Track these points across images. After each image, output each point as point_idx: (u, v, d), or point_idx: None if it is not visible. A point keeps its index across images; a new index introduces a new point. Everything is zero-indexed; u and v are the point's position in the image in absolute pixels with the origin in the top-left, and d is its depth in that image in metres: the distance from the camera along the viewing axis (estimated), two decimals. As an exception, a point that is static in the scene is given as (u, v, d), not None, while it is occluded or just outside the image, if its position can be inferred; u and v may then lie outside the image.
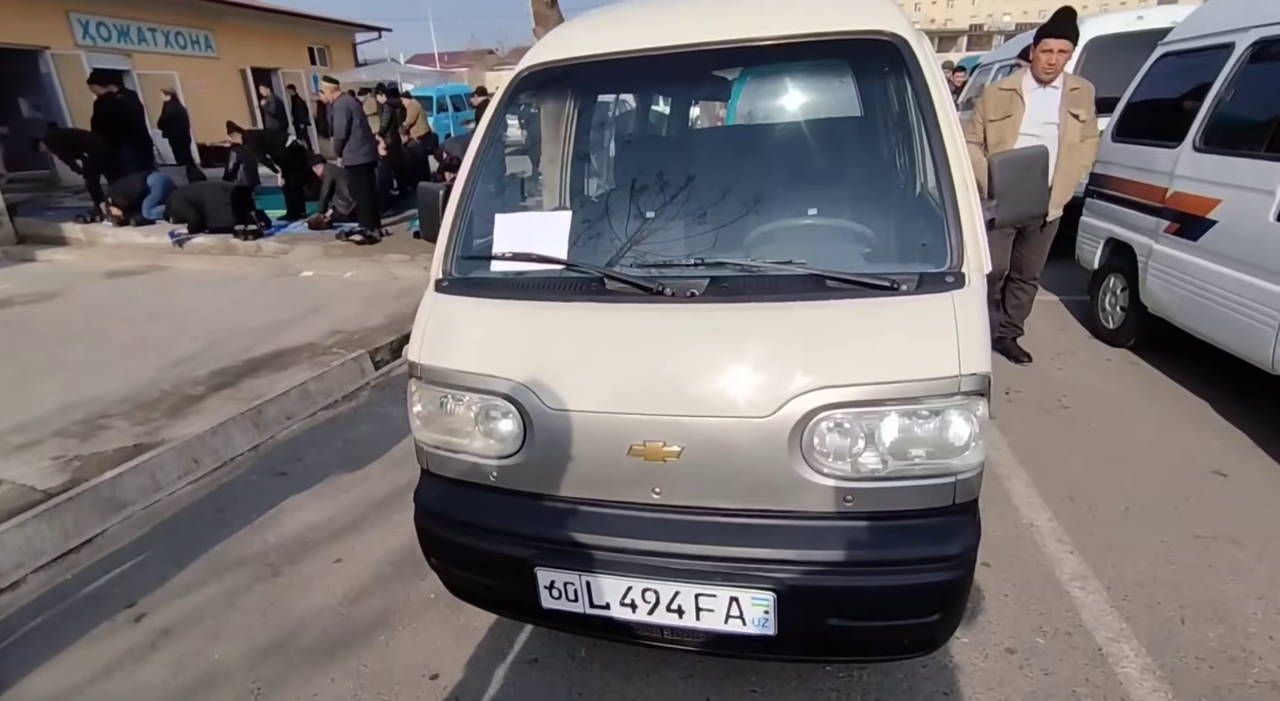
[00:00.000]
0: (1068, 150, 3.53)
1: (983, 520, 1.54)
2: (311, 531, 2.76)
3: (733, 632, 1.50)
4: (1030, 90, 3.56)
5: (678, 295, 1.55)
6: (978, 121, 3.67)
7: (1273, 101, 3.01)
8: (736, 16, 1.86)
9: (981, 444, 1.43)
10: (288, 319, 5.16)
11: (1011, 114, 3.53)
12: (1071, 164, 3.58)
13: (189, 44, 15.54)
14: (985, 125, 3.64)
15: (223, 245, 7.66)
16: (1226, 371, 3.40)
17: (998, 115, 3.57)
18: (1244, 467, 2.88)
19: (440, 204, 1.92)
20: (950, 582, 1.43)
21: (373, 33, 21.94)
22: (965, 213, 1.53)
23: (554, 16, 5.19)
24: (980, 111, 3.67)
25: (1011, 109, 3.54)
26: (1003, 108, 3.56)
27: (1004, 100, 3.59)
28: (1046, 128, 3.51)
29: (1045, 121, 3.52)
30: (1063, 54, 3.45)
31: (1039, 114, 3.52)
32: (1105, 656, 1.94)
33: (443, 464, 1.72)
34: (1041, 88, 3.53)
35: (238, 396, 3.82)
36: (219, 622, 2.29)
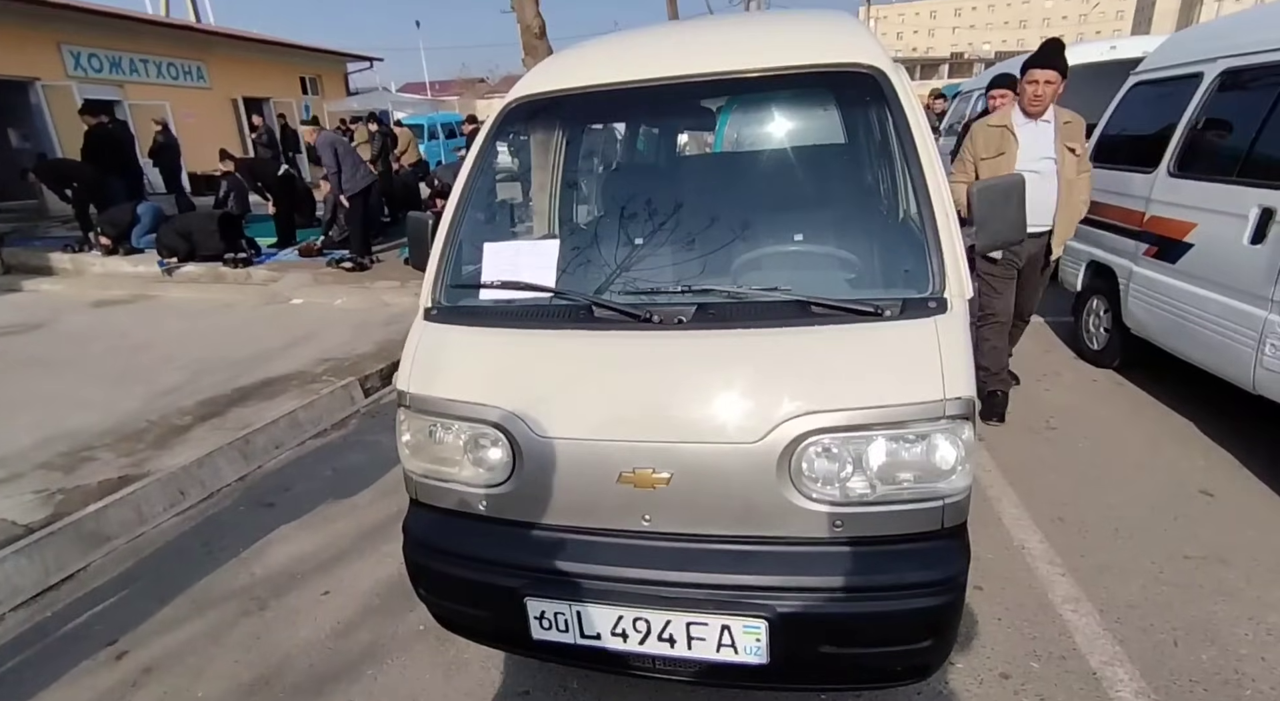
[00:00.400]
0: (1067, 186, 3.31)
1: (973, 542, 1.54)
2: (299, 563, 2.72)
3: (725, 661, 1.48)
4: (1021, 125, 3.33)
5: (665, 322, 1.57)
6: (968, 160, 3.44)
7: (1241, 128, 3.11)
8: (720, 50, 1.91)
9: (968, 467, 1.45)
10: (277, 347, 5.14)
11: (1005, 151, 3.32)
12: (1072, 200, 3.37)
13: (181, 74, 15.68)
14: (977, 163, 3.41)
15: (212, 273, 7.65)
16: (1210, 391, 3.45)
17: (989, 153, 3.36)
18: (1230, 487, 2.90)
19: (429, 233, 1.94)
20: (941, 607, 1.42)
21: (364, 62, 22.24)
22: (946, 239, 1.57)
23: (543, 47, 5.29)
24: (970, 150, 3.46)
25: (1004, 146, 3.34)
26: (994, 145, 3.36)
27: (994, 137, 3.37)
28: (1044, 163, 3.30)
29: (1042, 156, 3.30)
30: (1049, 86, 3.23)
31: (1034, 149, 3.31)
32: (1100, 680, 1.94)
33: (432, 493, 1.71)
34: (1032, 122, 3.32)
35: (225, 426, 3.79)
36: (203, 659, 2.24)
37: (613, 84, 1.92)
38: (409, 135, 11.10)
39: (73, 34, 13.12)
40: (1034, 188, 3.20)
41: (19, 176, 9.98)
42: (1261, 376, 2.84)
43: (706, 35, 2.19)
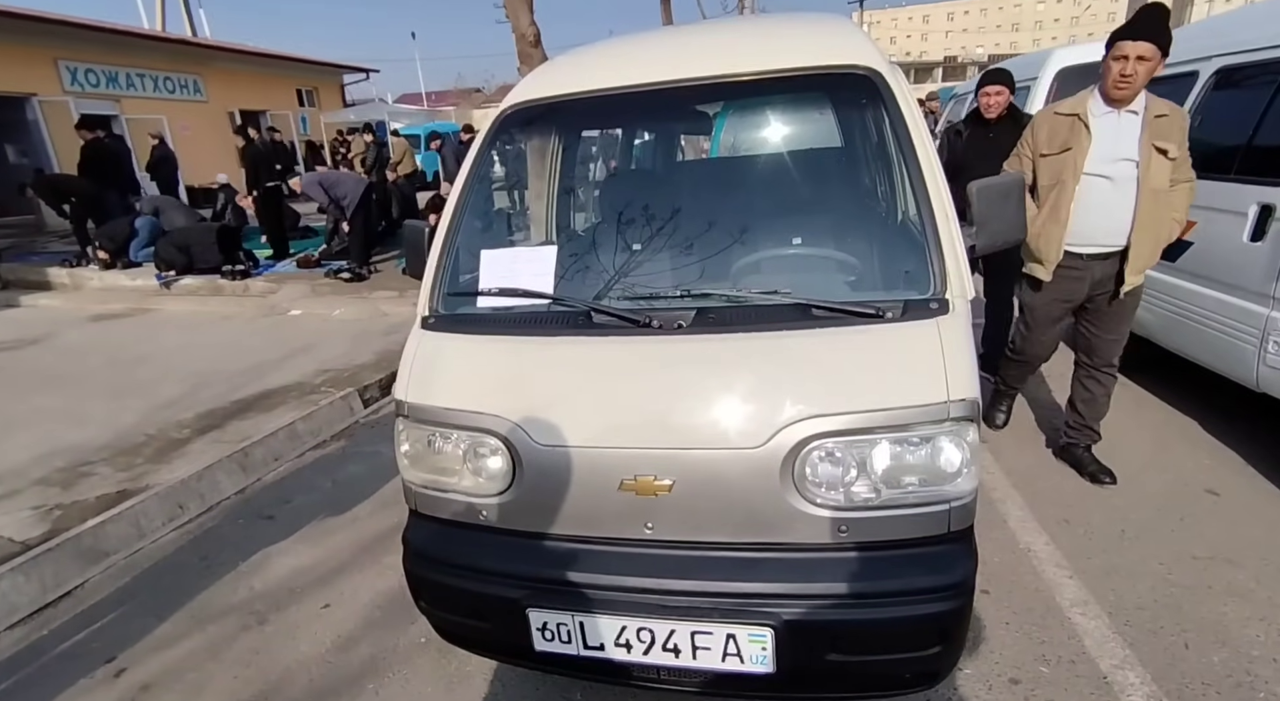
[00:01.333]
0: (1150, 196, 2.57)
1: (979, 545, 1.52)
2: (299, 576, 2.69)
3: (731, 671, 1.46)
4: (1100, 115, 2.60)
5: (665, 327, 1.56)
6: (1025, 155, 2.83)
7: (1238, 126, 3.11)
8: (715, 53, 1.91)
9: (974, 470, 1.43)
10: (275, 358, 5.12)
11: (1072, 146, 2.63)
12: (1157, 216, 2.60)
13: (177, 88, 15.74)
14: (1036, 160, 2.77)
15: (210, 286, 7.64)
16: (1213, 390, 3.43)
17: (1053, 147, 2.69)
18: (1236, 486, 2.88)
19: (426, 241, 1.93)
20: (950, 613, 1.40)
21: (360, 73, 22.34)
22: (946, 239, 1.55)
23: (538, 55, 5.30)
24: (1028, 143, 2.81)
25: (1073, 140, 2.63)
26: (1059, 138, 2.67)
27: (1061, 129, 2.68)
28: (1120, 166, 2.59)
29: (1120, 157, 2.58)
30: (1143, 63, 2.44)
31: (1110, 147, 2.59)
32: (1110, 684, 1.91)
33: (431, 504, 1.69)
34: (1114, 112, 2.58)
35: (224, 439, 3.77)
36: (202, 675, 2.21)
37: (609, 89, 1.92)
38: (405, 145, 11.12)
39: (69, 50, 13.18)
40: (1102, 195, 2.63)
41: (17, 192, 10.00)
42: (1264, 374, 2.83)
43: (702, 39, 2.18)
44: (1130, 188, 2.61)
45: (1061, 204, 2.69)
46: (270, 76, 18.43)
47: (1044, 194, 2.78)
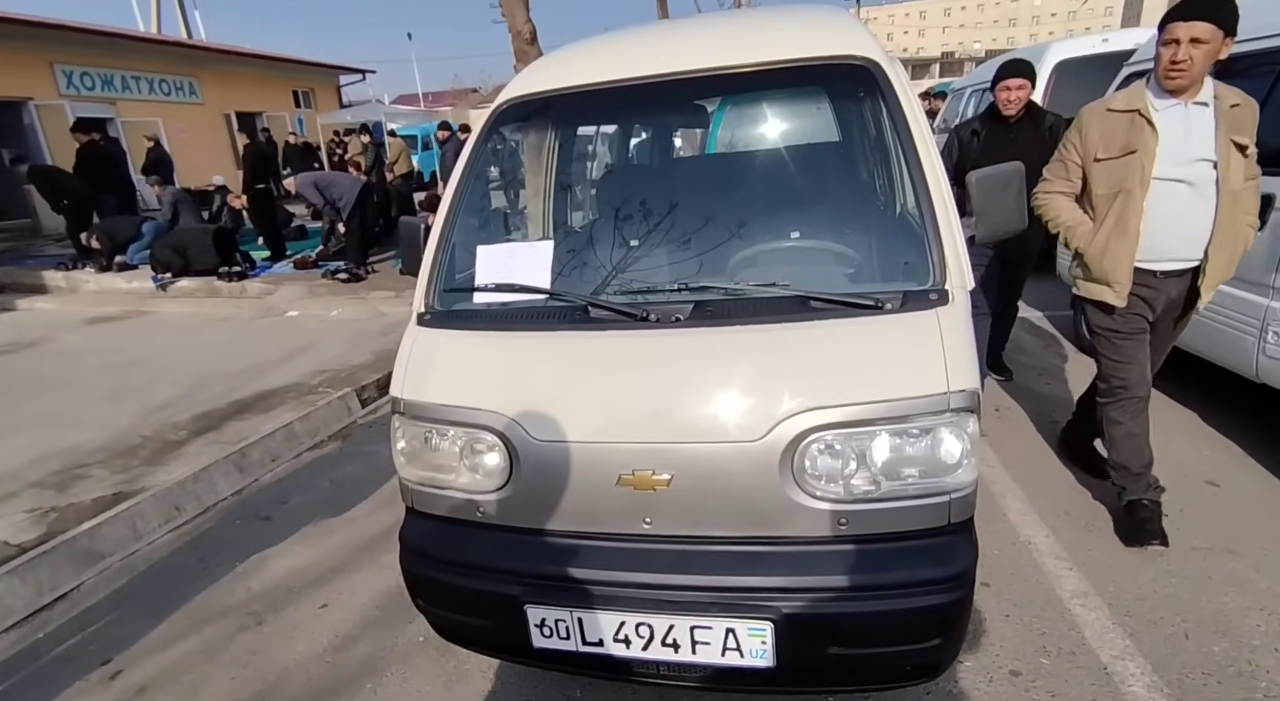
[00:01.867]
0: (1230, 200, 2.21)
1: (980, 538, 1.51)
2: (296, 577, 2.68)
3: (730, 665, 1.45)
4: (1163, 109, 2.22)
5: (663, 320, 1.54)
6: (1070, 160, 2.40)
7: (1235, 116, 3.09)
8: (712, 46, 1.90)
9: (974, 461, 1.42)
10: (273, 360, 5.11)
11: (1136, 148, 2.22)
12: (1235, 222, 2.25)
13: (173, 91, 15.71)
14: (1088, 167, 2.34)
15: (207, 288, 7.62)
16: (1211, 381, 3.43)
17: (1113, 151, 2.28)
18: (1236, 477, 2.88)
19: (421, 238, 1.92)
20: (950, 604, 1.40)
21: (356, 74, 22.31)
22: (945, 230, 1.54)
23: (534, 53, 5.29)
24: (1075, 146, 2.38)
25: (1136, 140, 2.23)
26: (1119, 139, 2.26)
27: (1119, 128, 2.27)
28: (1198, 168, 2.20)
29: (1196, 158, 2.20)
30: (1199, 46, 2.10)
31: (1182, 146, 2.20)
32: (1111, 675, 1.90)
33: (428, 501, 1.68)
34: (1179, 103, 2.20)
35: (221, 440, 3.75)
36: (199, 677, 2.20)
37: (605, 82, 1.91)
38: (401, 145, 11.10)
39: (65, 53, 13.15)
40: (1176, 203, 2.22)
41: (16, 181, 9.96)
42: (1264, 364, 2.82)
43: (698, 32, 2.17)
44: (1210, 191, 2.22)
45: (1129, 216, 2.27)
46: (266, 78, 18.41)
47: (1101, 204, 2.35)
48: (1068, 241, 2.47)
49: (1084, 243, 2.41)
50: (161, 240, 7.96)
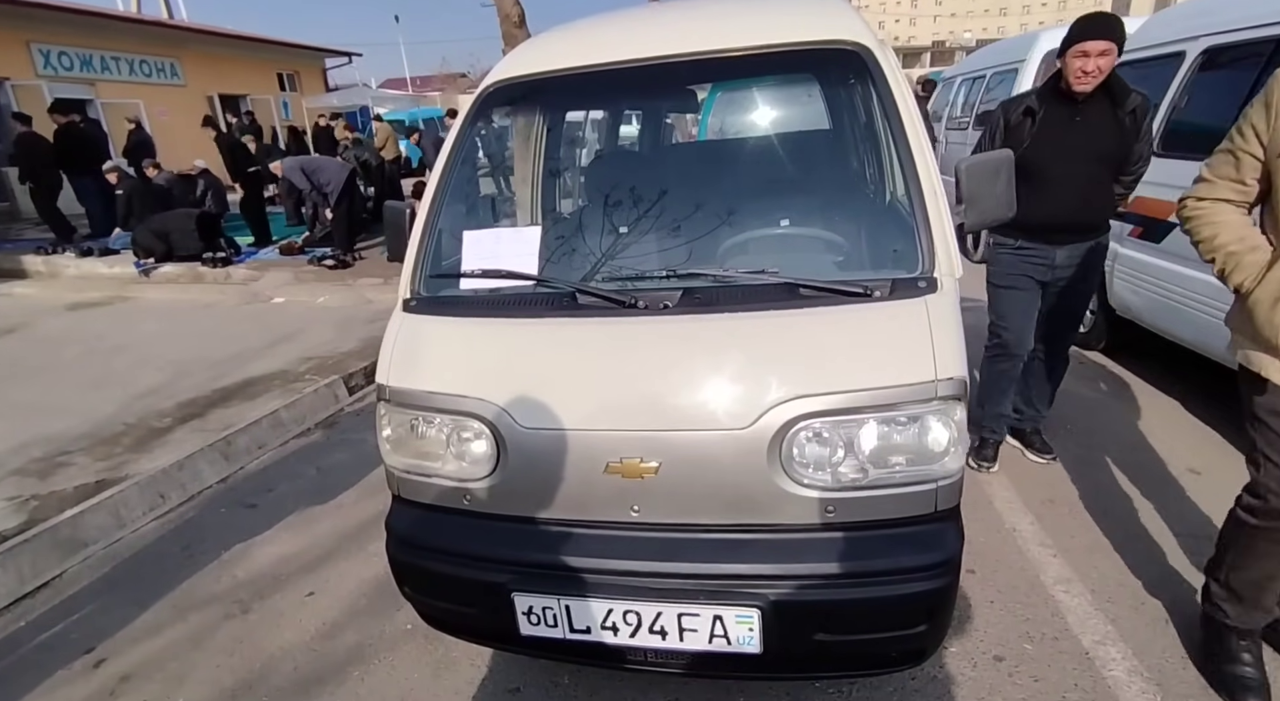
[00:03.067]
0: None
1: (966, 526, 1.52)
2: (283, 565, 2.66)
3: (718, 652, 1.45)
4: None
5: (651, 307, 1.53)
6: (1246, 153, 1.62)
7: (1223, 107, 3.10)
8: (701, 29, 1.87)
9: (961, 449, 1.42)
10: (258, 346, 5.05)
11: None
12: None
13: (154, 72, 15.37)
14: (1275, 164, 1.57)
15: (190, 273, 7.51)
16: (1194, 370, 3.47)
17: None
18: (1217, 464, 2.92)
19: (407, 223, 1.89)
20: (936, 591, 1.40)
21: (343, 58, 21.95)
22: (935, 218, 1.54)
23: (522, 36, 5.21)
24: (1255, 131, 1.60)
25: None
26: None
27: None
28: None
29: None
30: None
31: None
32: (1093, 660, 1.93)
33: (414, 489, 1.67)
34: None
35: (206, 427, 3.71)
36: (184, 665, 2.18)
37: (592, 65, 1.87)
38: (388, 130, 10.96)
39: (42, 32, 12.82)
40: None
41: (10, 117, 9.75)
42: (1247, 354, 2.84)
43: (687, 15, 2.14)
44: None
45: None
46: (250, 60, 18.06)
47: None
48: (1226, 274, 1.68)
49: (1251, 279, 1.61)
50: (144, 225, 7.82)
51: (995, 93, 6.33)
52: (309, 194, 7.36)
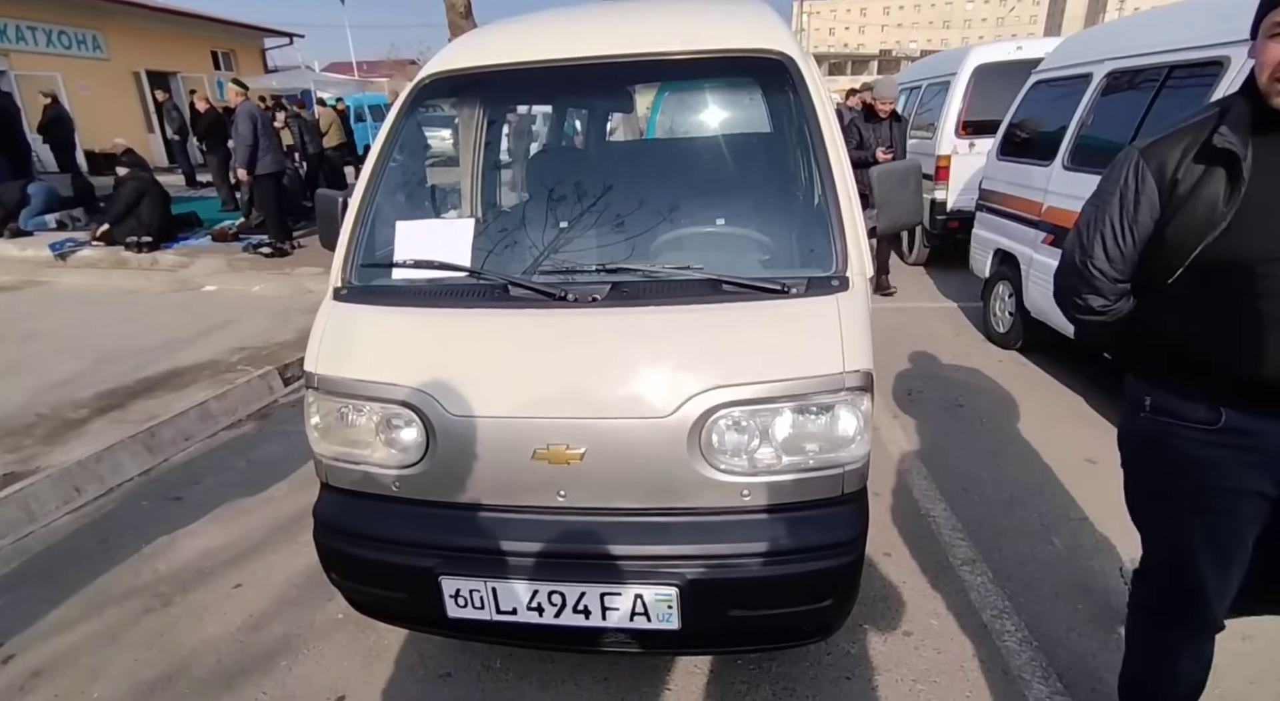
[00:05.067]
0: None
1: (886, 512, 1.63)
2: (207, 558, 2.60)
3: (639, 629, 1.53)
4: None
5: (580, 300, 1.59)
6: None
7: (1124, 125, 3.36)
8: (636, 32, 1.93)
9: (867, 437, 1.53)
10: (187, 336, 4.86)
11: None
12: None
13: (74, 44, 14.46)
14: None
15: (113, 258, 7.14)
16: (1095, 368, 3.74)
17: None
18: (1111, 455, 3.09)
19: (339, 211, 1.89)
20: (840, 568, 1.51)
21: (283, 38, 21.09)
22: (848, 220, 1.64)
23: (468, 27, 5.17)
24: None
25: None
26: None
27: None
28: None
29: None
30: None
31: None
32: (990, 632, 2.09)
33: (343, 476, 1.68)
34: None
35: (127, 418, 3.56)
36: (99, 660, 2.12)
37: (529, 62, 1.91)
38: (331, 115, 10.63)
39: (-55, -5, 11.91)
40: None
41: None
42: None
43: (625, 17, 2.19)
44: None
45: None
46: (182, 35, 17.18)
47: None
48: None
49: None
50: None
51: (930, 104, 6.62)
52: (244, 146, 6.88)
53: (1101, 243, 1.35)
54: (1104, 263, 1.36)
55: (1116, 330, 1.46)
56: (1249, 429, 1.26)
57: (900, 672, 1.96)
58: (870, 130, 5.41)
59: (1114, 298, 1.40)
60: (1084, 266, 1.39)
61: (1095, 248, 1.36)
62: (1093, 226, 1.37)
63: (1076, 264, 1.41)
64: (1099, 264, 1.36)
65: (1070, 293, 1.46)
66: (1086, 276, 1.39)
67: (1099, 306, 1.42)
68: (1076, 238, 1.42)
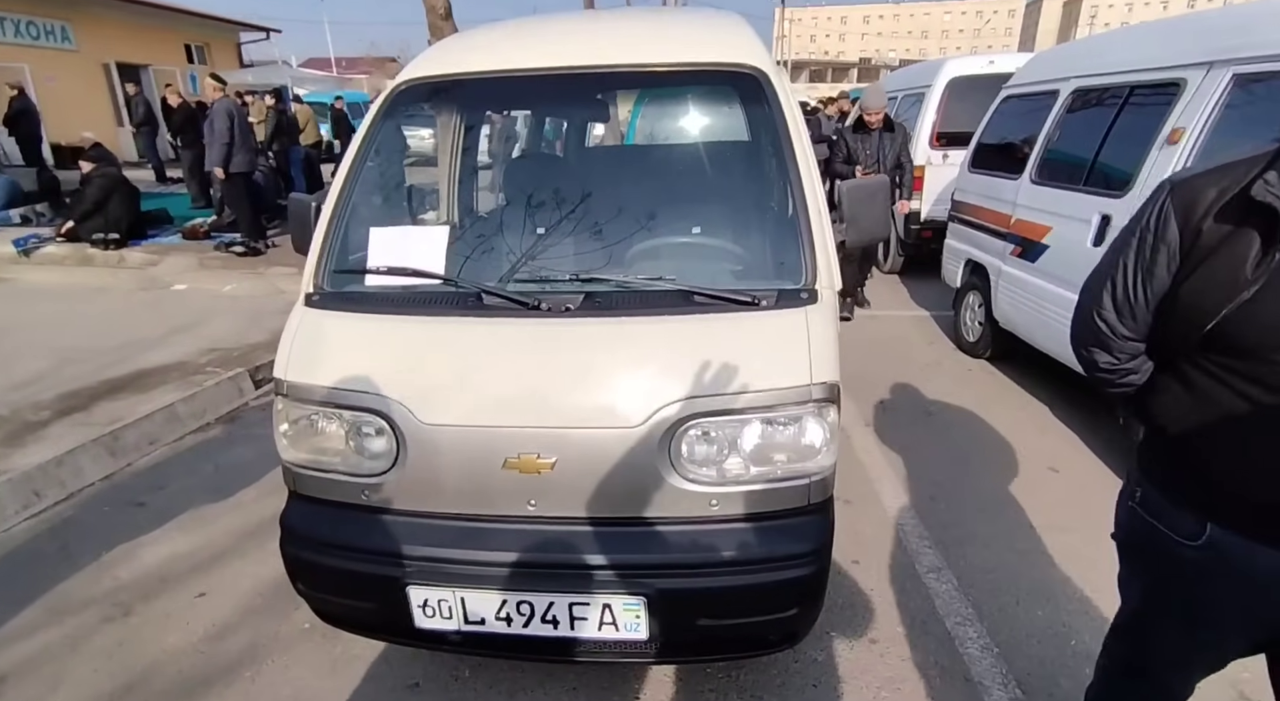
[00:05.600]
0: None
1: (855, 520, 1.65)
2: (170, 565, 2.55)
3: (607, 639, 1.53)
4: None
5: (554, 309, 1.59)
6: None
7: (1087, 142, 3.46)
8: (612, 44, 1.95)
9: (834, 447, 1.55)
10: (155, 336, 4.76)
11: None
12: None
13: (42, 34, 14.08)
14: None
15: (78, 255, 6.96)
16: (1061, 379, 3.83)
17: None
18: (1073, 463, 3.25)
19: (312, 216, 1.87)
20: (808, 577, 1.53)
21: (259, 33, 20.75)
22: (818, 234, 1.67)
23: (448, 29, 5.15)
24: None
25: None
26: None
27: None
28: None
29: None
30: None
31: None
32: (953, 639, 2.13)
33: (311, 485, 1.66)
34: None
35: (90, 421, 3.48)
36: (58, 669, 2.07)
37: (505, 71, 1.92)
38: (308, 112, 10.50)
39: (-94, -19, 11.53)
40: None
41: None
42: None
43: (603, 28, 2.21)
44: None
45: None
46: (154, 27, 16.81)
47: None
48: None
49: None
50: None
51: (906, 115, 6.73)
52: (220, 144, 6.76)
53: (1111, 290, 1.13)
54: (1111, 314, 1.14)
55: (1126, 395, 1.23)
56: (1237, 553, 1.07)
57: (866, 680, 1.99)
58: (859, 142, 5.10)
59: (1122, 357, 1.18)
60: (1090, 316, 1.18)
61: (1104, 295, 1.15)
62: (1105, 270, 1.16)
63: (1083, 311, 1.22)
64: (1106, 315, 1.15)
65: (1075, 342, 1.27)
66: (1093, 327, 1.18)
67: (1104, 364, 1.20)
68: (1089, 280, 1.22)
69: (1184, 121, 2.80)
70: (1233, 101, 2.64)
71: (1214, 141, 2.68)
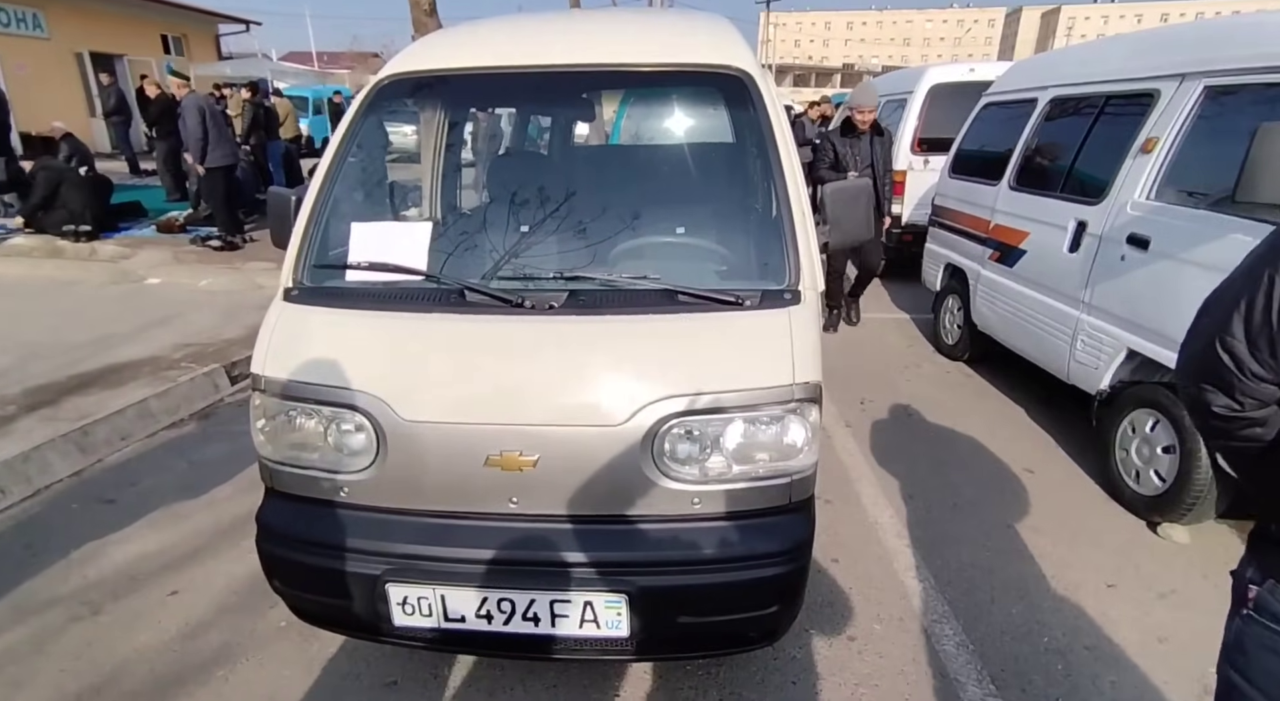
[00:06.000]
0: None
1: (834, 519, 1.67)
2: (140, 563, 2.50)
3: (588, 636, 1.53)
4: None
5: (537, 307, 1.59)
6: None
7: (1064, 150, 3.53)
8: (598, 43, 1.95)
9: (815, 447, 1.57)
10: (127, 330, 4.66)
11: None
12: None
13: (13, 22, 13.72)
14: None
15: (48, 247, 6.79)
16: (1036, 381, 3.90)
17: None
18: (1048, 464, 3.31)
19: (291, 211, 1.85)
20: (786, 575, 1.54)
21: (239, 24, 20.42)
22: (801, 235, 1.68)
23: (433, 24, 5.11)
24: None
25: None
26: None
27: None
28: None
29: None
30: None
31: None
32: (930, 636, 2.16)
33: (289, 481, 1.64)
34: None
35: (58, 416, 3.40)
36: (23, 670, 2.02)
37: (489, 68, 1.91)
38: (288, 106, 10.36)
39: None
40: None
41: None
42: (1074, 368, 3.26)
43: (588, 27, 2.21)
44: None
45: None
46: (129, 17, 16.45)
47: None
48: None
49: None
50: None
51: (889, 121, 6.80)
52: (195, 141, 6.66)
53: (1245, 314, 0.87)
54: (1241, 345, 0.88)
55: (1248, 454, 0.95)
56: None
57: (844, 677, 2.01)
58: (847, 146, 4.79)
59: (1247, 403, 0.90)
60: (1211, 344, 0.91)
61: (1234, 319, 0.88)
62: (1237, 286, 0.90)
63: (1201, 336, 0.94)
64: (1233, 345, 0.89)
65: (1185, 375, 0.98)
66: (1213, 359, 0.91)
67: (1220, 408, 0.92)
68: (1211, 297, 0.96)
69: (1158, 131, 2.87)
70: (1204, 112, 2.71)
71: (1186, 151, 2.76)
